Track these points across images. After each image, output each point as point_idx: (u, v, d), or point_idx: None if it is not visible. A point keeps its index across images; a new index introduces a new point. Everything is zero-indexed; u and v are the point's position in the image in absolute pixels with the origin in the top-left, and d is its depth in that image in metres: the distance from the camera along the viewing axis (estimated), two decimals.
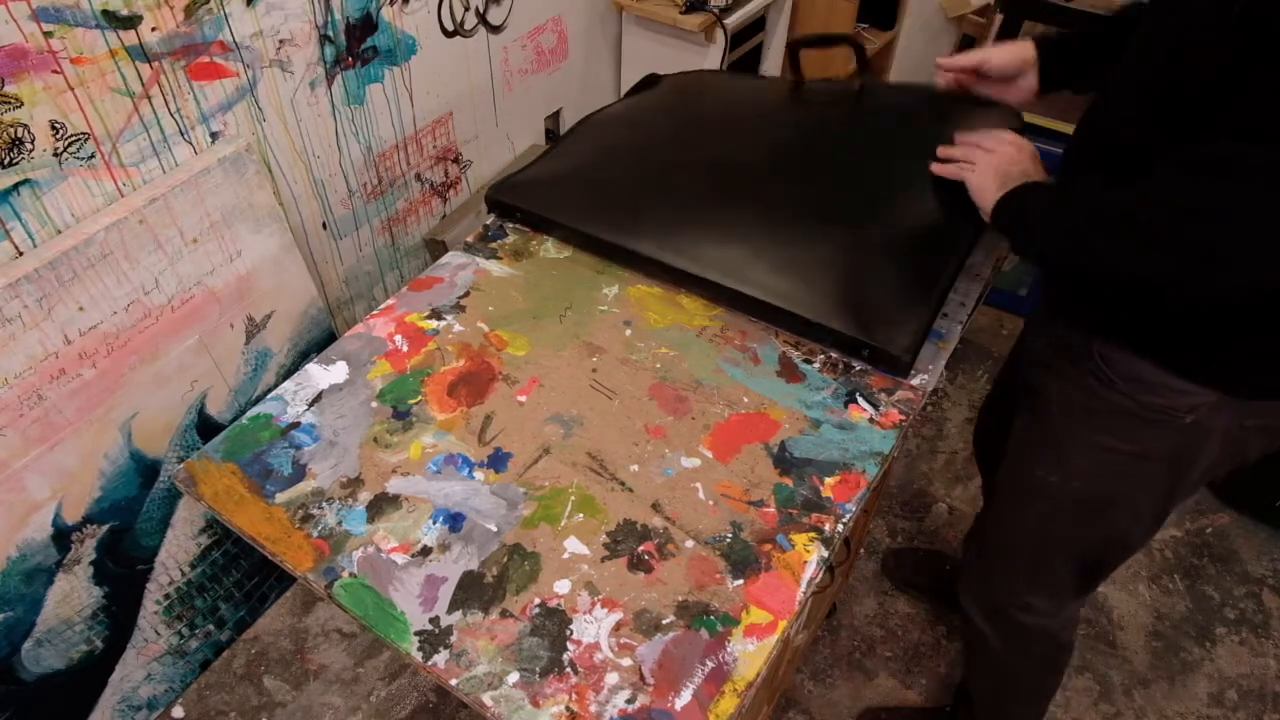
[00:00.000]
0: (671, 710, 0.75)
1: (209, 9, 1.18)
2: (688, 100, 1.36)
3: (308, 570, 0.86)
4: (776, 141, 1.24)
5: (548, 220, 1.20)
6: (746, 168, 1.20)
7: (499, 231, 1.23)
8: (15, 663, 1.23)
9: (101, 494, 1.25)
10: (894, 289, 1.04)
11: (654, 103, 1.36)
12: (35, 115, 1.04)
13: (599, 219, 1.16)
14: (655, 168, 1.22)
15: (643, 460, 0.94)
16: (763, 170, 1.20)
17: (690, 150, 1.24)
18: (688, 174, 1.20)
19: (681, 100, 1.36)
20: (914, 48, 2.67)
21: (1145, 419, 0.95)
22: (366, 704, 1.60)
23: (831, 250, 1.07)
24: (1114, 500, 1.05)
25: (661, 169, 1.21)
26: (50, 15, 1.01)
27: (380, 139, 1.59)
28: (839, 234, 1.09)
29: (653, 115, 1.34)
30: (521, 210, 1.22)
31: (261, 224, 1.35)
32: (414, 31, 1.55)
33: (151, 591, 1.39)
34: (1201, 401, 0.91)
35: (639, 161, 1.24)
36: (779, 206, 1.13)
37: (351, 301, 1.71)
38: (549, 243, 1.21)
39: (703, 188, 1.17)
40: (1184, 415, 0.93)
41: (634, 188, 1.19)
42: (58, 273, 1.09)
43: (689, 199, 1.16)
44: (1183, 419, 0.93)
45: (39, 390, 1.12)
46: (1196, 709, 1.64)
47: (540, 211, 1.20)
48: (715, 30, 1.98)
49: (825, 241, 1.08)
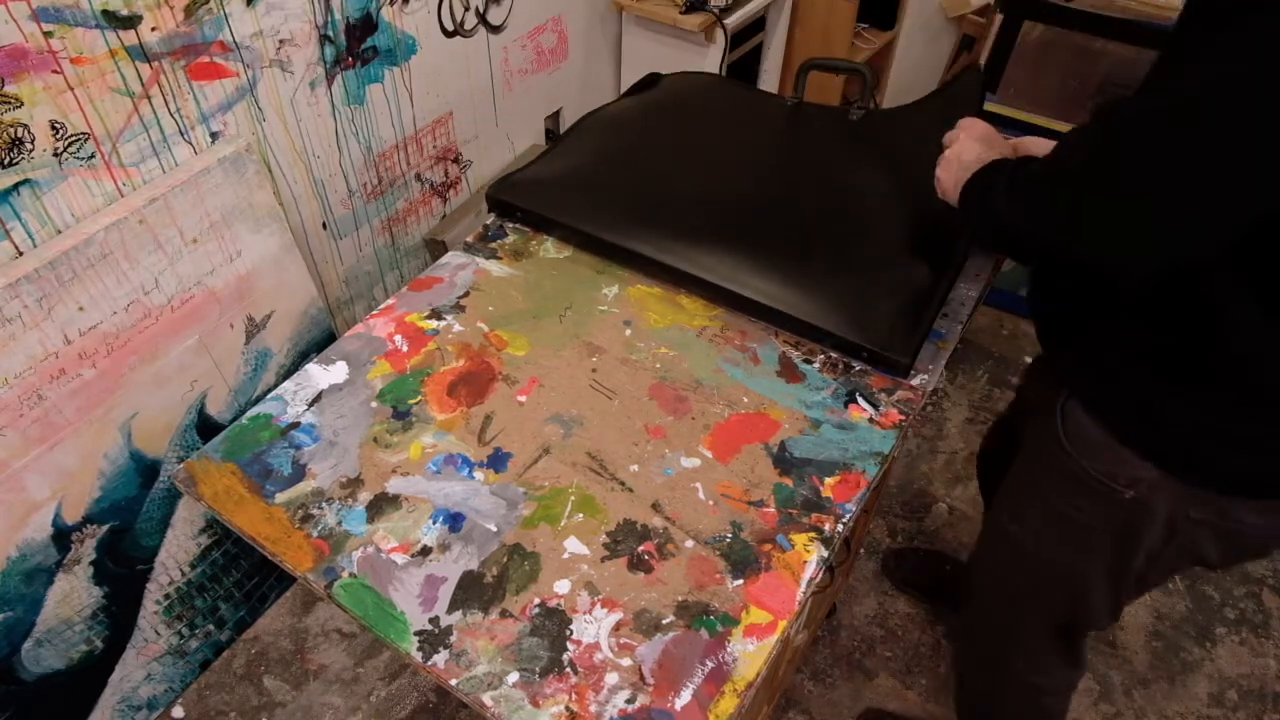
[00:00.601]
0: (671, 710, 0.75)
1: (209, 9, 1.18)
2: (688, 103, 1.36)
3: (307, 570, 0.85)
4: (777, 150, 1.24)
5: (548, 220, 1.20)
6: (746, 173, 1.20)
7: (499, 231, 1.23)
8: (15, 663, 1.23)
9: (101, 494, 1.25)
10: (892, 291, 1.05)
11: (654, 103, 1.37)
12: (35, 115, 1.04)
13: (599, 218, 1.16)
14: (656, 169, 1.22)
15: (643, 460, 0.94)
16: (763, 175, 1.20)
17: (691, 153, 1.24)
18: (688, 176, 1.20)
19: (681, 103, 1.36)
20: (914, 48, 2.67)
21: (1090, 487, 0.92)
22: (366, 704, 1.60)
23: (830, 254, 1.08)
24: (1067, 565, 1.01)
25: (662, 170, 1.22)
26: (50, 15, 1.01)
27: (380, 139, 1.59)
28: (837, 238, 1.10)
29: (653, 116, 1.34)
30: (522, 209, 1.22)
31: (261, 224, 1.35)
32: (414, 31, 1.55)
33: (151, 591, 1.39)
34: (1142, 476, 0.87)
35: (640, 162, 1.24)
36: (778, 212, 1.14)
37: (351, 301, 1.71)
38: (549, 243, 1.21)
39: (702, 190, 1.17)
40: (1124, 489, 0.89)
41: (634, 188, 1.19)
42: (58, 273, 1.09)
43: (689, 201, 1.16)
44: (1123, 493, 0.89)
45: (39, 390, 1.12)
46: (1197, 709, 1.64)
47: (541, 211, 1.20)
48: (715, 30, 1.98)
49: (824, 245, 1.09)
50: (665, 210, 1.15)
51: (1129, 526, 0.92)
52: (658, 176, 1.20)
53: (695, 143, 1.26)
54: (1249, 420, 0.79)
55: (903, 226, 1.11)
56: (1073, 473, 0.93)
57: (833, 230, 1.10)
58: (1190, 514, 0.87)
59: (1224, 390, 0.79)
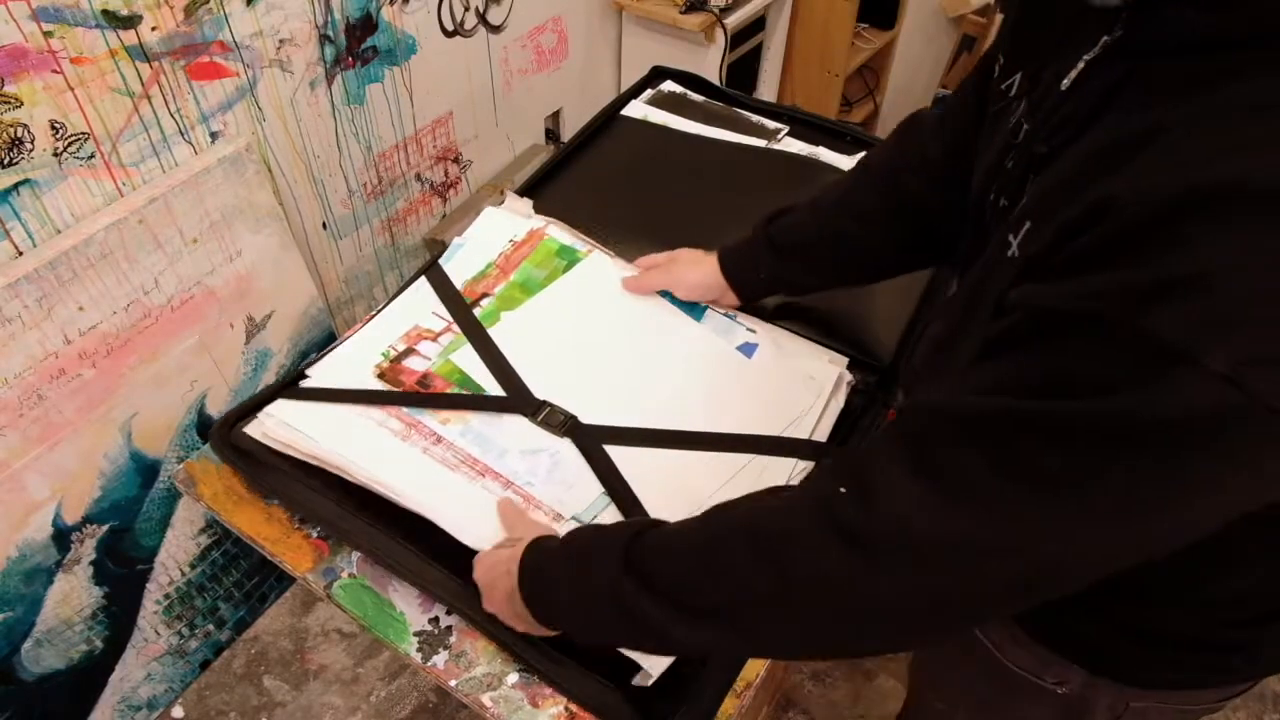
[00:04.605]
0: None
1: (209, 9, 1.18)
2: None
3: (307, 571, 0.85)
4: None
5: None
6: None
7: None
8: (15, 663, 1.23)
9: (101, 494, 1.25)
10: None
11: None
12: (35, 115, 1.04)
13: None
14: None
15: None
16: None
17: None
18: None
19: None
20: (914, 48, 2.67)
21: (1018, 681, 0.79)
22: (366, 704, 1.60)
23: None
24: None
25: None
26: (50, 15, 1.01)
27: (380, 139, 1.59)
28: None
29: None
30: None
31: (261, 224, 1.35)
32: (414, 31, 1.55)
33: (151, 591, 1.39)
34: (1070, 676, 0.76)
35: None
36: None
37: (351, 301, 1.71)
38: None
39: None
40: (1054, 686, 0.77)
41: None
42: (57, 273, 1.09)
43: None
44: (1054, 690, 0.77)
45: (39, 390, 1.12)
46: None
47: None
48: (715, 30, 1.98)
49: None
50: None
51: (1068, 717, 0.80)
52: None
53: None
54: (1180, 620, 0.68)
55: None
56: (1000, 666, 0.81)
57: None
58: (1135, 703, 0.76)
59: (1147, 595, 0.67)
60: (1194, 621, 0.67)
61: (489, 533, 0.81)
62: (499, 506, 0.84)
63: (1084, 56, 0.55)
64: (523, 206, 1.17)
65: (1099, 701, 0.76)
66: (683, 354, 1.00)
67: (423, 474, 0.86)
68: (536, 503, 0.86)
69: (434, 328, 1.02)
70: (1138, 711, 0.76)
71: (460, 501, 0.84)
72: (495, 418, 0.92)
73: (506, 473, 0.88)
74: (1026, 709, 0.82)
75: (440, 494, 0.85)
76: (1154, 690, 0.74)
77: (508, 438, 0.91)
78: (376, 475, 0.85)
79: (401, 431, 0.90)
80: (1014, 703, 0.82)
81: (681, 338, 1.02)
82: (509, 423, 0.92)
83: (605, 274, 1.09)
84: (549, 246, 1.12)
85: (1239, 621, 0.66)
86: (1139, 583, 0.61)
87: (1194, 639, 0.68)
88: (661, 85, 1.45)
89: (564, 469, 0.89)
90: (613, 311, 1.05)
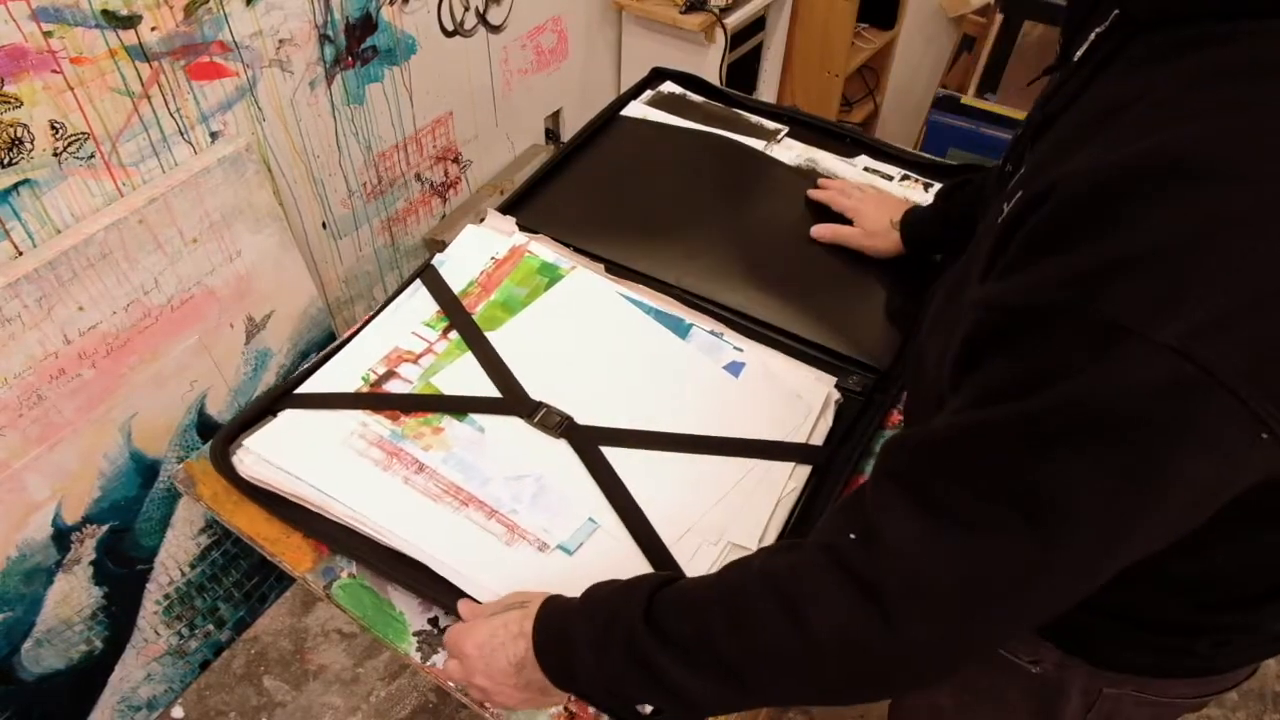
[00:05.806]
0: None
1: (209, 9, 1.18)
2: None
3: (307, 571, 0.86)
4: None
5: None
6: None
7: None
8: (15, 663, 1.23)
9: (101, 494, 1.25)
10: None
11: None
12: (35, 115, 1.04)
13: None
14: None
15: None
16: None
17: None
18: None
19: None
20: (914, 48, 2.67)
21: (994, 659, 0.80)
22: (366, 704, 1.60)
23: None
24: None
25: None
26: (50, 15, 1.01)
27: (380, 139, 1.59)
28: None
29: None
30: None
31: (261, 224, 1.35)
32: (414, 31, 1.55)
33: (151, 591, 1.39)
34: (1044, 655, 0.76)
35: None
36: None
37: (351, 301, 1.71)
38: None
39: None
40: (1029, 664, 0.78)
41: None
42: (57, 273, 1.09)
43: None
44: (1029, 668, 0.78)
45: (39, 390, 1.12)
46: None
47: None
48: (715, 30, 1.98)
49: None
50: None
51: (1043, 706, 0.81)
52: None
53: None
54: (1146, 600, 0.67)
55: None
56: None
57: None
58: (1108, 690, 0.76)
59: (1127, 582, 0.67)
60: (1159, 602, 0.67)
61: (471, 569, 0.81)
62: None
63: (1095, 29, 0.56)
64: (505, 224, 1.15)
65: (1073, 684, 0.76)
66: (670, 371, 1.00)
67: (405, 508, 0.86)
68: (521, 531, 0.85)
69: (414, 349, 1.01)
70: (1111, 699, 0.76)
71: (443, 536, 0.84)
72: (478, 444, 0.91)
73: (490, 501, 0.87)
74: (1004, 687, 0.82)
75: (422, 529, 0.84)
76: (1124, 674, 0.74)
77: (491, 464, 0.90)
78: (358, 514, 0.85)
79: (383, 461, 0.89)
80: (993, 683, 0.83)
81: (667, 355, 1.01)
82: (492, 448, 0.91)
83: (589, 290, 1.08)
84: (530, 264, 1.10)
85: (1203, 605, 0.66)
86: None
87: (1158, 620, 0.68)
88: (661, 86, 1.45)
89: (548, 495, 0.88)
90: (597, 328, 1.04)
